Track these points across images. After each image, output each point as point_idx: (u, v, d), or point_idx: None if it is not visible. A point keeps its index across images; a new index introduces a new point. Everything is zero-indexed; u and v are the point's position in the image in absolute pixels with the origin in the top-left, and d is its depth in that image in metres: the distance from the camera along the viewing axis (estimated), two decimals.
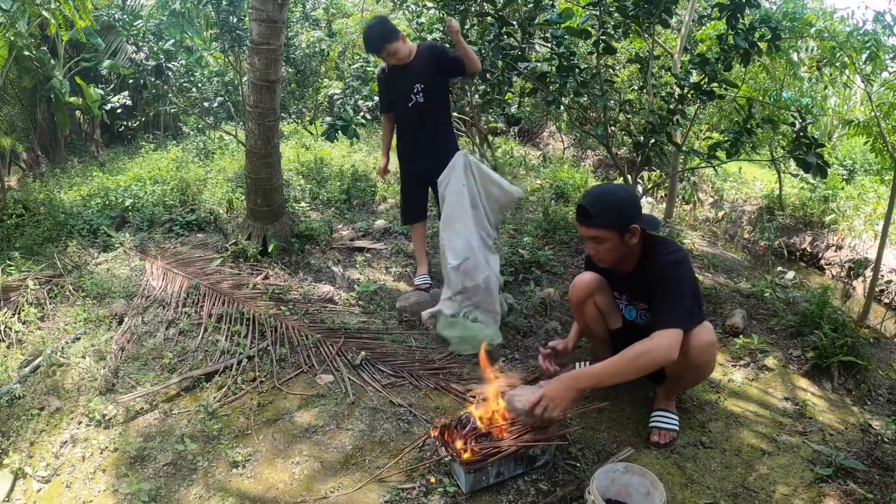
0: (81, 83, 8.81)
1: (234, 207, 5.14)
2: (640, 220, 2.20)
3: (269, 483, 2.19)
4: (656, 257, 2.24)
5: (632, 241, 2.21)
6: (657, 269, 2.22)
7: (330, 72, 8.83)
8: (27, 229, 4.45)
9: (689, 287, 2.19)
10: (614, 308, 2.55)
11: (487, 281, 3.14)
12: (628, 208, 2.19)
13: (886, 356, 3.23)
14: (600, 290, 2.54)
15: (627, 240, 2.20)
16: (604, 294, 2.54)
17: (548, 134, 10.71)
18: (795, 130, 3.67)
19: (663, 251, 2.25)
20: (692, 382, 2.47)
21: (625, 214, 2.18)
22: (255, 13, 3.61)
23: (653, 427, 2.41)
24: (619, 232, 2.18)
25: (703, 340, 2.17)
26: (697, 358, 2.19)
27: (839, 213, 7.06)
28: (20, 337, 3.07)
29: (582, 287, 2.56)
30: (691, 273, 2.24)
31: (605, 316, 2.57)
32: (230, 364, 2.88)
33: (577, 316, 2.66)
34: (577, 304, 2.60)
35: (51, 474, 2.25)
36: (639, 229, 2.19)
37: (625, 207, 2.19)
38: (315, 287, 3.73)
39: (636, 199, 2.28)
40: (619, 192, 2.27)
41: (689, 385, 2.50)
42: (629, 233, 2.19)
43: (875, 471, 2.26)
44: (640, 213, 2.23)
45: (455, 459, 2.10)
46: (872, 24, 4.79)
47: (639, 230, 2.20)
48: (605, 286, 2.54)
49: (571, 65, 4.03)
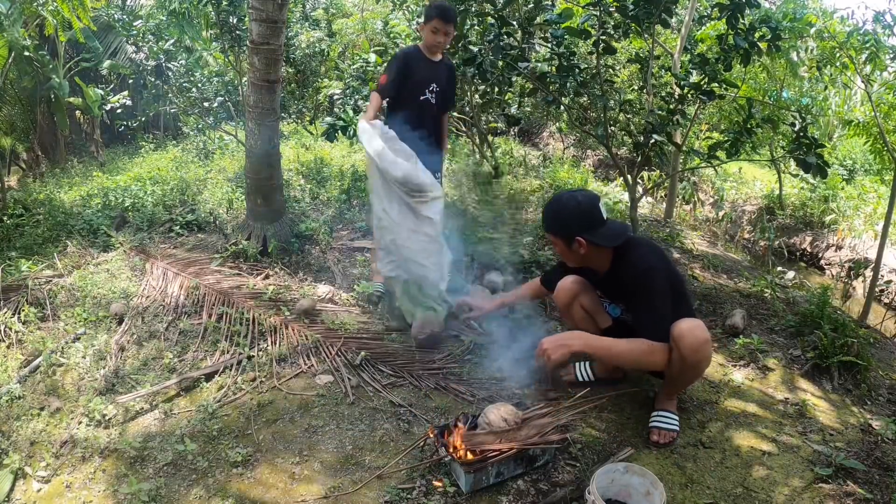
0: (81, 83, 8.81)
1: (234, 207, 5.14)
2: (590, 232, 2.27)
3: (269, 483, 2.19)
4: (630, 262, 2.30)
5: (580, 250, 2.30)
6: (632, 276, 2.28)
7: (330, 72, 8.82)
8: (27, 229, 4.45)
9: (660, 298, 2.23)
10: (600, 307, 2.60)
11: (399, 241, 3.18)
12: (573, 222, 2.29)
13: (886, 356, 3.23)
14: (584, 291, 2.59)
15: (575, 248, 2.30)
16: (588, 295, 2.59)
17: (548, 134, 10.70)
18: (795, 130, 3.67)
19: (636, 255, 2.30)
20: (690, 380, 2.49)
21: (567, 228, 2.30)
22: (255, 13, 3.61)
23: (652, 427, 2.41)
24: (564, 241, 2.32)
25: (696, 339, 2.19)
26: (692, 357, 2.21)
27: (839, 213, 7.06)
28: (20, 337, 3.07)
29: (565, 291, 2.61)
30: (665, 279, 2.26)
31: (592, 315, 2.61)
32: (230, 364, 2.89)
33: (567, 319, 2.72)
34: (563, 307, 2.66)
35: (51, 474, 2.25)
36: (583, 242, 2.28)
37: (569, 221, 2.30)
38: (315, 287, 3.73)
39: (588, 211, 2.30)
40: (570, 205, 2.32)
41: (687, 383, 2.51)
42: (575, 243, 2.30)
43: (875, 471, 2.26)
44: (592, 224, 2.29)
45: (455, 459, 2.10)
46: (872, 24, 4.79)
47: (583, 243, 2.28)
48: (587, 287, 2.58)
49: (571, 65, 4.03)
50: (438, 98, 3.54)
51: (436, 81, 3.50)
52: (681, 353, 2.20)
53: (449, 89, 3.65)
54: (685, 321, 2.22)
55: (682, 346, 2.18)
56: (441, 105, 3.61)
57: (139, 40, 6.45)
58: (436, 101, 3.54)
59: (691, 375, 2.40)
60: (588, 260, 2.36)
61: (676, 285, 2.35)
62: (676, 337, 2.18)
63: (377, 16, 10.09)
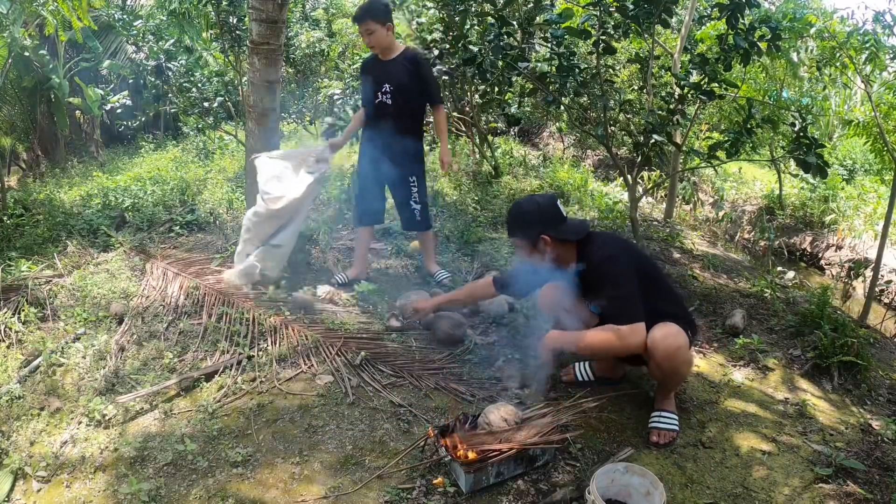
0: (81, 83, 8.81)
1: (234, 207, 5.14)
2: (553, 229, 2.32)
3: (269, 483, 2.19)
4: (590, 256, 2.34)
5: (545, 248, 2.34)
6: (594, 268, 2.32)
7: (330, 72, 8.82)
8: (27, 229, 4.45)
9: (623, 280, 2.24)
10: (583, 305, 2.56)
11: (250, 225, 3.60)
12: (535, 221, 2.34)
13: (886, 356, 3.23)
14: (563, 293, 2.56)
15: (541, 248, 2.34)
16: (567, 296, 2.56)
17: (548, 134, 10.69)
18: (795, 130, 3.67)
19: (597, 246, 2.34)
20: (676, 383, 2.49)
21: (531, 227, 2.34)
22: (255, 13, 3.61)
23: (652, 427, 2.42)
24: (530, 242, 2.36)
25: (668, 347, 2.22)
26: (667, 364, 2.25)
27: (839, 213, 7.06)
28: (20, 337, 3.07)
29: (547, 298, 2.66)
30: (627, 264, 2.29)
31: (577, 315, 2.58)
32: (230, 364, 2.89)
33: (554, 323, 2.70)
34: (548, 311, 2.68)
35: (51, 474, 2.25)
36: (549, 240, 2.33)
37: (531, 221, 2.35)
38: (315, 287, 3.73)
39: (548, 210, 2.37)
40: (530, 207, 2.40)
41: (675, 385, 2.50)
42: (540, 242, 2.33)
43: (875, 471, 2.26)
44: (553, 222, 2.34)
45: (455, 459, 2.10)
46: (872, 24, 4.79)
47: (549, 240, 2.33)
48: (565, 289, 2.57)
49: (571, 65, 4.03)
50: (396, 97, 3.39)
51: (388, 81, 3.38)
52: (656, 362, 2.26)
53: (411, 84, 3.39)
54: (658, 329, 2.23)
55: (656, 356, 2.24)
56: (402, 104, 3.41)
57: (139, 40, 6.45)
58: (392, 101, 3.40)
59: (675, 379, 2.41)
60: (554, 259, 2.38)
61: (648, 269, 2.39)
62: (650, 347, 2.23)
63: None
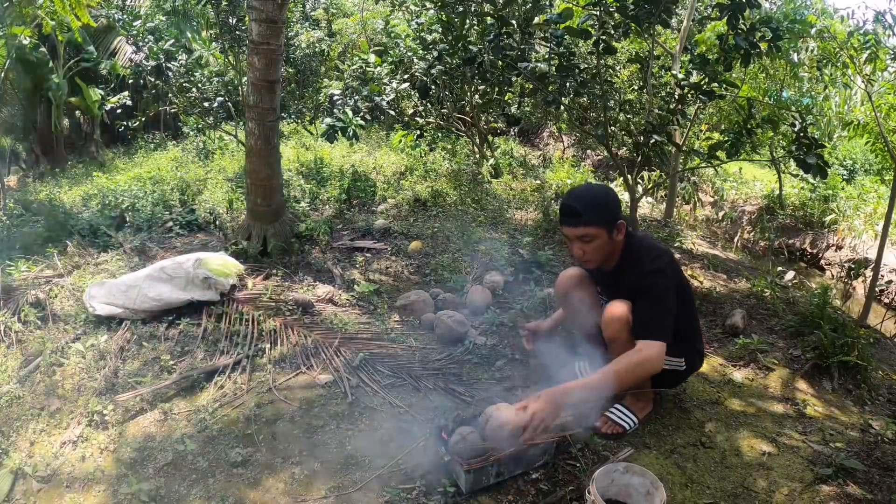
0: (81, 83, 8.82)
1: (234, 207, 5.14)
2: (623, 216, 2.27)
3: (269, 483, 2.19)
4: (640, 261, 2.28)
5: (618, 237, 2.26)
6: (641, 275, 2.25)
7: (330, 72, 8.83)
8: (27, 229, 4.45)
9: (670, 300, 2.21)
10: (597, 300, 2.57)
11: None
12: (612, 205, 2.25)
13: (886, 356, 3.23)
14: (584, 284, 2.57)
15: (615, 236, 2.25)
16: (587, 289, 2.57)
17: (548, 134, 10.69)
18: (795, 131, 3.67)
19: (647, 256, 2.29)
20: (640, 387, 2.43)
21: (611, 211, 2.24)
22: (255, 13, 3.61)
23: (604, 415, 2.41)
24: (607, 229, 2.23)
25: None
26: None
27: (839, 213, 7.06)
28: (20, 337, 3.07)
29: (566, 279, 2.60)
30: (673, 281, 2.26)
31: (589, 308, 2.57)
32: (230, 364, 2.88)
33: (563, 307, 2.72)
34: (561, 295, 2.64)
35: (51, 474, 2.25)
36: (625, 225, 2.26)
37: (609, 204, 2.25)
38: (315, 287, 3.73)
39: (616, 196, 2.34)
40: (603, 189, 2.35)
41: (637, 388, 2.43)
42: (616, 229, 2.24)
43: (875, 471, 2.26)
44: (621, 209, 2.30)
45: (455, 459, 2.10)
46: (872, 24, 4.79)
47: (624, 226, 2.26)
48: (588, 281, 2.57)
49: (571, 65, 4.03)
50: None
51: None
52: None
53: None
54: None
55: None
56: None
57: (139, 40, 6.46)
58: None
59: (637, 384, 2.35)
60: (610, 254, 2.30)
61: (683, 287, 2.36)
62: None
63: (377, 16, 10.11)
